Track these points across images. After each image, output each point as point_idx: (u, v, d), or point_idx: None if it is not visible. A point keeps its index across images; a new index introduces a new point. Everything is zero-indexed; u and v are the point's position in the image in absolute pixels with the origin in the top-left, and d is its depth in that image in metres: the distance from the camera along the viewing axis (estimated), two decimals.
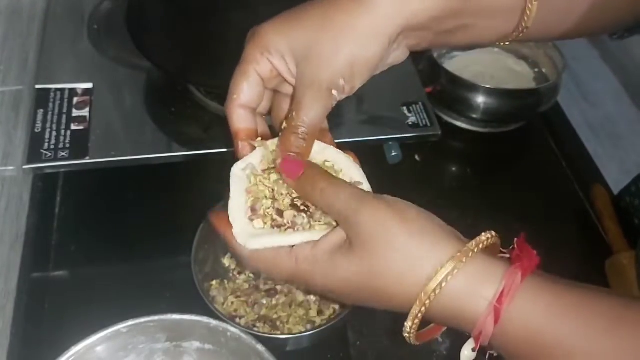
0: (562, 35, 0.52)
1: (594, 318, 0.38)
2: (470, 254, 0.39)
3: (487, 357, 0.41)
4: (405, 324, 0.41)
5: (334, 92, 0.45)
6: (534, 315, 0.38)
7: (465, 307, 0.39)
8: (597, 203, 0.85)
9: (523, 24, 0.48)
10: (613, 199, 0.86)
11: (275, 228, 0.44)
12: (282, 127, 0.46)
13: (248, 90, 0.46)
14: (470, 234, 0.41)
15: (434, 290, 0.39)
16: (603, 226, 0.83)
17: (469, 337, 0.41)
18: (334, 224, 0.43)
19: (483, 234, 0.40)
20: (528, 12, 0.47)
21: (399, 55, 0.48)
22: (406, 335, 0.42)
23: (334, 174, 0.45)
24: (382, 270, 0.41)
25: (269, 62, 0.46)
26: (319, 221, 0.44)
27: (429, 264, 0.39)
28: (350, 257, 0.41)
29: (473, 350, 0.40)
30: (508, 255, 0.41)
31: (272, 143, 0.47)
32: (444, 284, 0.39)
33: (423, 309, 0.40)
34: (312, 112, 0.45)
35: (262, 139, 0.47)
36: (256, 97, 0.47)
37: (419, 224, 0.41)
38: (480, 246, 0.40)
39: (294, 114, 0.45)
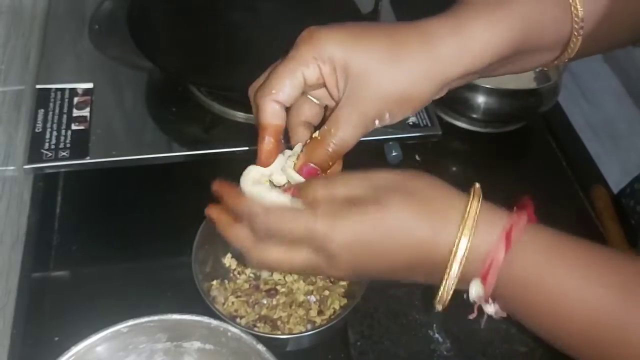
0: (587, 55, 0.53)
1: (590, 265, 0.41)
2: (477, 211, 0.42)
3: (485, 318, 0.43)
4: (442, 290, 0.42)
5: (377, 122, 0.45)
6: (538, 252, 0.41)
7: (480, 247, 0.41)
8: (598, 203, 0.85)
9: (566, 55, 0.50)
10: (613, 199, 0.86)
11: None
12: (313, 136, 0.46)
13: (289, 90, 0.45)
14: None
15: (462, 258, 0.41)
16: (603, 226, 0.83)
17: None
18: None
19: (476, 186, 0.43)
20: (572, 45, 0.49)
21: (441, 93, 0.48)
22: (441, 303, 0.43)
23: None
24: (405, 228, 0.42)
25: (318, 70, 0.45)
26: None
27: (447, 233, 0.41)
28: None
29: (482, 285, 0.41)
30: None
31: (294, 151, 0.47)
32: (467, 251, 0.41)
33: (459, 272, 0.41)
34: (351, 136, 0.45)
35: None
36: (292, 99, 0.46)
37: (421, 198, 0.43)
38: (480, 197, 0.43)
39: (332, 130, 0.45)
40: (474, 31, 0.44)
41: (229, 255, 0.70)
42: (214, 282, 0.68)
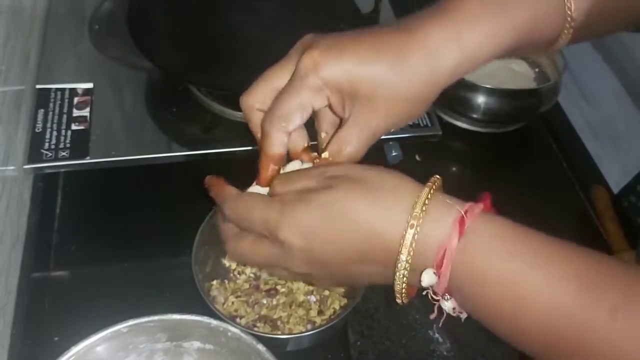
0: (578, 42, 0.54)
1: (547, 256, 0.40)
2: (424, 207, 0.41)
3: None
4: (395, 281, 0.42)
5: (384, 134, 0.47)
6: (493, 241, 0.40)
7: (433, 236, 0.40)
8: (598, 204, 0.85)
9: (553, 48, 0.51)
10: (613, 200, 0.86)
11: None
12: (323, 156, 0.47)
13: (300, 121, 0.47)
14: None
15: (411, 244, 0.40)
16: (603, 227, 0.83)
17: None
18: None
19: (428, 185, 0.42)
20: (561, 40, 0.50)
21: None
22: (398, 295, 0.43)
23: None
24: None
25: (326, 98, 0.46)
26: None
27: (395, 227, 0.41)
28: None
29: (435, 274, 0.40)
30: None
31: (291, 167, 0.49)
32: (416, 236, 0.40)
33: (409, 258, 0.40)
34: (361, 153, 0.47)
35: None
36: (298, 126, 0.47)
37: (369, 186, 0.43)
38: (435, 186, 0.42)
39: (342, 149, 0.46)
40: (474, 42, 0.45)
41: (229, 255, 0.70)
42: (214, 282, 0.68)
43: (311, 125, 0.50)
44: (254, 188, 0.49)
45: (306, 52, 0.45)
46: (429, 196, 0.41)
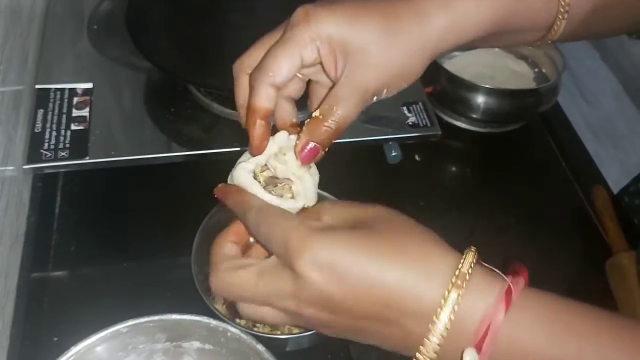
0: (579, 39, 0.54)
1: (591, 334, 0.37)
2: (467, 276, 0.37)
3: None
4: (426, 345, 0.37)
5: (375, 97, 0.46)
6: (536, 318, 0.37)
7: (476, 307, 0.37)
8: (597, 203, 0.85)
9: (549, 37, 0.51)
10: (613, 199, 0.86)
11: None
12: (314, 115, 0.46)
13: (287, 72, 0.45)
14: (470, 233, 0.41)
15: (453, 310, 0.36)
16: (603, 226, 0.83)
17: None
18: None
19: (469, 252, 0.39)
20: (556, 28, 0.50)
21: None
22: None
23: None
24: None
25: (316, 50, 0.45)
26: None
27: (431, 292, 0.37)
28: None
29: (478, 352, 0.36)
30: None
31: (280, 136, 0.48)
32: (452, 316, 0.36)
33: (448, 324, 0.37)
34: (353, 113, 0.45)
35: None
36: (289, 80, 0.46)
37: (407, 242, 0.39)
38: (473, 263, 0.38)
39: (334, 108, 0.45)
40: (463, 8, 0.46)
41: None
42: None
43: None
44: (245, 158, 0.48)
45: (299, 8, 0.45)
46: (472, 265, 0.38)
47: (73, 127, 0.75)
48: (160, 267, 0.75)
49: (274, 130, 0.48)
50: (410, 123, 0.80)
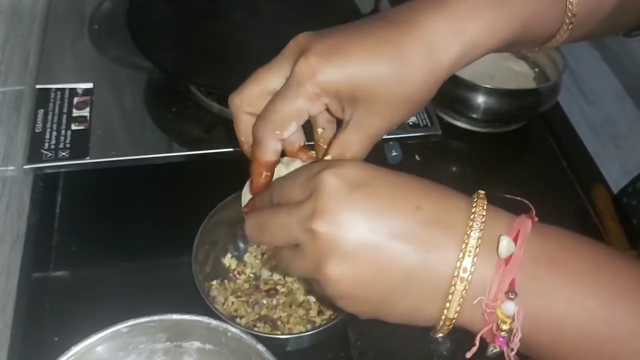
0: (581, 39, 0.54)
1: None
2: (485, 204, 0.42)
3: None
4: (448, 311, 0.41)
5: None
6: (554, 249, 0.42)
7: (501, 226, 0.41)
8: (598, 203, 0.85)
9: (549, 44, 0.51)
10: (613, 199, 0.86)
11: None
12: (324, 157, 0.47)
13: (294, 128, 0.45)
14: None
15: (470, 269, 0.39)
16: (603, 226, 0.83)
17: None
18: None
19: (478, 194, 0.43)
20: (558, 37, 0.50)
21: None
22: (446, 325, 0.42)
23: None
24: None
25: (323, 105, 0.45)
26: None
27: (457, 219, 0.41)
28: None
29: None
30: None
31: (295, 165, 0.48)
32: (481, 234, 0.40)
33: (466, 284, 0.39)
34: (361, 154, 0.46)
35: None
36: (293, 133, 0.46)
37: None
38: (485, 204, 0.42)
39: (345, 154, 0.45)
40: (475, 35, 0.45)
41: (229, 255, 0.70)
42: (214, 282, 0.68)
43: (307, 126, 0.49)
44: (247, 188, 0.48)
45: (302, 58, 0.43)
46: (485, 206, 0.41)
47: (74, 127, 0.75)
48: (160, 267, 0.75)
49: (283, 153, 0.49)
50: (411, 123, 0.80)
